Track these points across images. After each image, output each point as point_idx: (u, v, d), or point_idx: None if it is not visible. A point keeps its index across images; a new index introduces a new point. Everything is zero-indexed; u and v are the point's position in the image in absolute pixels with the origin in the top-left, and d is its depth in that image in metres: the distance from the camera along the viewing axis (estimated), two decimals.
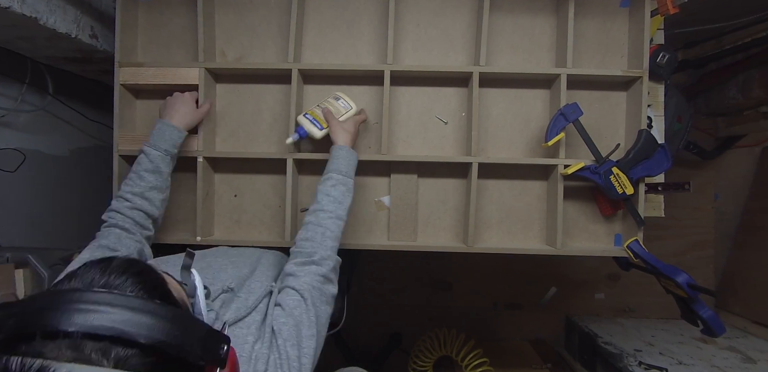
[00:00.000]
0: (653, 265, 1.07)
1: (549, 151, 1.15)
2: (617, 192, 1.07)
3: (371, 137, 1.19)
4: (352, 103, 1.12)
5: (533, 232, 1.20)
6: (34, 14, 0.99)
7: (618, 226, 1.20)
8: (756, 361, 1.56)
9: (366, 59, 1.19)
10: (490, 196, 1.19)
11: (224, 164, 1.20)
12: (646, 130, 1.10)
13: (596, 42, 1.19)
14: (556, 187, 1.11)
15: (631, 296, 2.09)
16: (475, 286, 2.11)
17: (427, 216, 1.20)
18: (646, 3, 1.10)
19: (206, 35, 1.15)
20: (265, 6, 1.19)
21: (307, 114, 1.08)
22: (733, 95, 1.89)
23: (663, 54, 1.14)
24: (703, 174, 2.10)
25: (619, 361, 1.58)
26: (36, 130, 1.40)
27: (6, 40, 1.15)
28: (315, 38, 1.19)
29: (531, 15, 1.19)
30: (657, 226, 1.98)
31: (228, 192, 1.21)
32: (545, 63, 1.19)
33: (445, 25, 1.20)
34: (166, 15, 1.20)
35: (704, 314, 1.03)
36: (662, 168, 1.09)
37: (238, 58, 1.20)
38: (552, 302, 2.11)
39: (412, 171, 1.18)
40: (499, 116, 1.19)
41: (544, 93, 1.19)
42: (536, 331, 2.10)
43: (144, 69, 1.14)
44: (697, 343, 1.72)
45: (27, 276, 1.10)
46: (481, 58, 1.12)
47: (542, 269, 2.10)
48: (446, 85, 1.19)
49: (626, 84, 1.18)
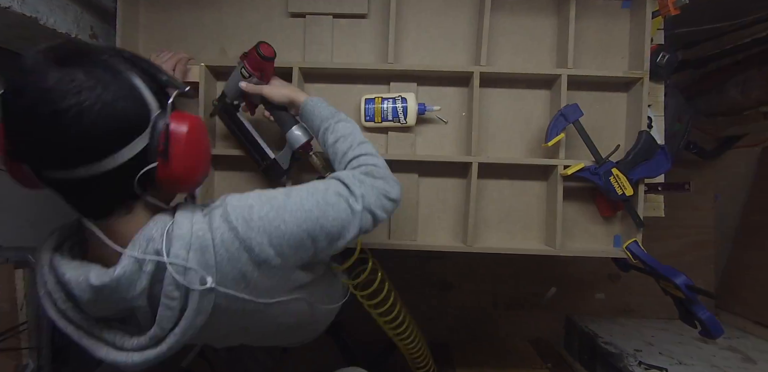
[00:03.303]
0: (652, 267, 1.07)
1: (549, 152, 1.15)
2: (617, 193, 1.07)
3: (372, 136, 1.20)
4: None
5: (532, 233, 1.20)
6: (34, 14, 0.99)
7: (617, 227, 1.20)
8: (756, 361, 1.56)
9: (367, 58, 1.20)
10: (489, 196, 1.19)
11: (224, 162, 1.20)
12: (646, 131, 1.10)
13: (597, 43, 1.19)
14: (556, 188, 1.11)
15: (631, 296, 2.09)
16: (475, 286, 2.10)
17: (426, 215, 1.20)
18: (648, 4, 1.10)
19: (207, 33, 1.15)
20: (266, 4, 1.20)
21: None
22: (733, 95, 1.88)
23: (663, 54, 1.14)
24: (703, 174, 2.10)
25: (619, 361, 1.58)
26: None
27: (6, 40, 1.15)
28: (317, 37, 1.19)
29: (532, 15, 1.19)
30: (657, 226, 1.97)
31: (228, 190, 1.21)
32: (546, 63, 1.19)
33: (446, 25, 1.20)
34: (167, 12, 1.21)
35: (702, 316, 1.03)
36: (662, 169, 1.09)
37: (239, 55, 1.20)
38: (552, 302, 2.11)
39: (412, 170, 1.19)
40: (499, 116, 1.20)
41: (544, 93, 1.19)
42: (536, 331, 2.10)
43: None
44: (697, 343, 1.72)
45: (27, 276, 1.10)
46: (482, 57, 1.12)
47: (542, 269, 2.10)
48: (447, 85, 1.19)
49: (627, 85, 1.18)
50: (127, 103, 0.52)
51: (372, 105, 1.14)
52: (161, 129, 0.56)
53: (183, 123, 0.57)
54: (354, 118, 1.17)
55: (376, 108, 1.13)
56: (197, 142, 0.59)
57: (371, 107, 1.14)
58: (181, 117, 0.58)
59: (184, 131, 0.56)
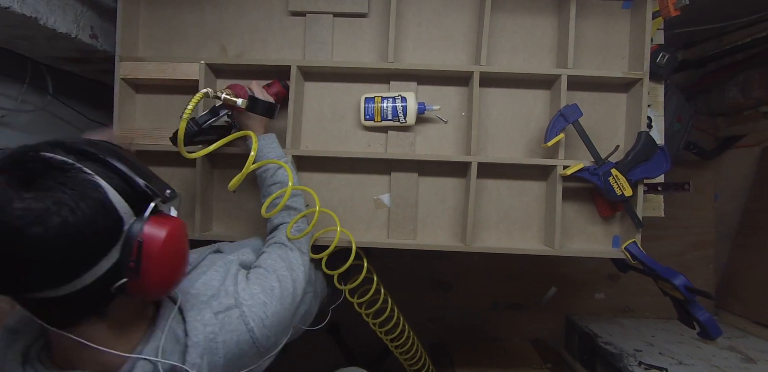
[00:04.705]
0: (651, 268, 1.07)
1: (548, 152, 1.15)
2: (616, 193, 1.07)
3: (372, 135, 1.20)
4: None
5: (531, 233, 1.20)
6: (34, 14, 0.99)
7: (616, 228, 1.20)
8: (756, 361, 1.56)
9: (367, 57, 1.20)
10: (488, 196, 1.19)
11: (223, 160, 1.20)
12: (646, 131, 1.10)
13: (597, 43, 1.19)
14: (555, 188, 1.11)
15: (631, 296, 2.09)
16: (475, 286, 2.10)
17: (425, 215, 1.20)
18: (648, 5, 1.10)
19: (207, 31, 1.16)
20: (266, 2, 1.20)
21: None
22: (733, 95, 1.88)
23: (663, 54, 1.14)
24: (703, 174, 2.10)
25: (619, 361, 1.58)
26: (36, 130, 1.40)
27: (6, 40, 1.15)
28: (317, 35, 1.19)
29: (532, 15, 1.19)
30: (657, 226, 1.98)
31: (227, 189, 1.21)
32: (546, 63, 1.19)
33: (446, 25, 1.20)
34: (167, 10, 1.21)
35: (701, 317, 1.03)
36: (661, 170, 1.09)
37: (239, 54, 1.20)
38: (552, 302, 2.11)
39: (412, 169, 1.19)
40: (499, 116, 1.20)
41: (544, 93, 1.19)
42: (536, 331, 2.10)
43: (145, 64, 1.14)
44: (697, 343, 1.72)
45: None
46: (482, 57, 1.12)
47: (542, 269, 2.10)
48: (447, 85, 1.19)
49: (626, 86, 1.18)
50: (96, 223, 0.49)
51: (372, 104, 1.14)
52: (133, 244, 0.51)
53: (158, 234, 0.53)
54: (354, 117, 1.18)
55: (376, 107, 1.13)
56: (172, 252, 0.55)
57: (371, 106, 1.14)
58: (157, 226, 0.53)
59: (159, 244, 0.52)
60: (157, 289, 0.55)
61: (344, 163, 1.19)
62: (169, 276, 0.56)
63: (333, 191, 1.19)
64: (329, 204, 1.19)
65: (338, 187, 1.20)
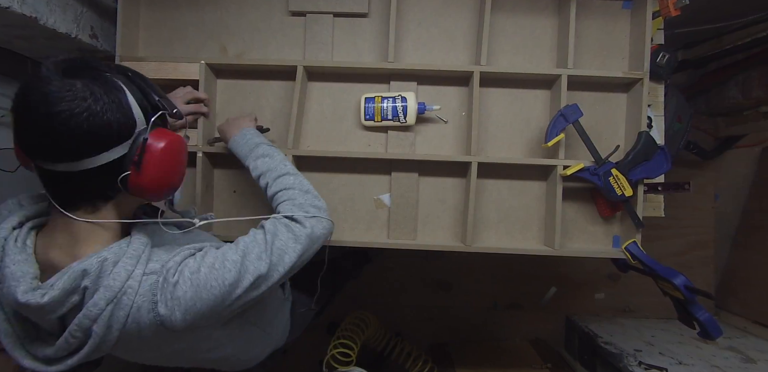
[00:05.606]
0: (651, 267, 1.07)
1: (548, 152, 1.15)
2: (616, 193, 1.07)
3: (372, 135, 1.20)
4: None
5: (531, 233, 1.20)
6: (34, 14, 0.99)
7: (617, 228, 1.20)
8: (756, 361, 1.56)
9: (367, 57, 1.20)
10: (489, 196, 1.19)
11: (224, 160, 1.20)
12: (646, 132, 1.10)
13: (597, 43, 1.19)
14: (555, 188, 1.11)
15: (631, 296, 2.09)
16: (475, 286, 2.10)
17: (425, 215, 1.20)
18: (648, 5, 1.10)
19: (207, 31, 1.16)
20: (266, 2, 1.20)
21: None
22: (733, 95, 1.88)
23: (663, 54, 1.14)
24: (703, 174, 2.10)
25: (619, 361, 1.58)
26: None
27: (6, 40, 1.15)
28: (317, 35, 1.19)
29: (533, 15, 1.19)
30: (657, 226, 1.98)
31: (227, 188, 1.21)
32: (546, 63, 1.19)
33: (446, 25, 1.20)
34: (167, 10, 1.21)
35: (701, 317, 1.03)
36: (661, 170, 1.09)
37: (240, 53, 1.20)
38: (552, 302, 2.11)
39: (412, 169, 1.19)
40: (499, 116, 1.20)
41: (544, 93, 1.19)
42: (536, 331, 2.10)
43: (145, 63, 1.14)
44: (697, 343, 1.72)
45: None
46: (482, 57, 1.12)
47: (542, 269, 2.10)
48: (447, 85, 1.19)
49: (627, 86, 1.18)
50: (114, 115, 0.59)
51: (372, 104, 1.14)
52: (140, 142, 0.62)
53: (161, 140, 0.63)
54: (354, 117, 1.18)
55: (376, 107, 1.13)
56: (170, 157, 0.65)
57: (371, 106, 1.14)
58: (162, 134, 0.64)
59: (160, 147, 0.63)
60: (152, 188, 0.64)
61: (344, 163, 1.19)
62: (164, 177, 0.65)
63: (333, 191, 1.19)
64: (329, 204, 1.18)
65: (338, 187, 1.20)
